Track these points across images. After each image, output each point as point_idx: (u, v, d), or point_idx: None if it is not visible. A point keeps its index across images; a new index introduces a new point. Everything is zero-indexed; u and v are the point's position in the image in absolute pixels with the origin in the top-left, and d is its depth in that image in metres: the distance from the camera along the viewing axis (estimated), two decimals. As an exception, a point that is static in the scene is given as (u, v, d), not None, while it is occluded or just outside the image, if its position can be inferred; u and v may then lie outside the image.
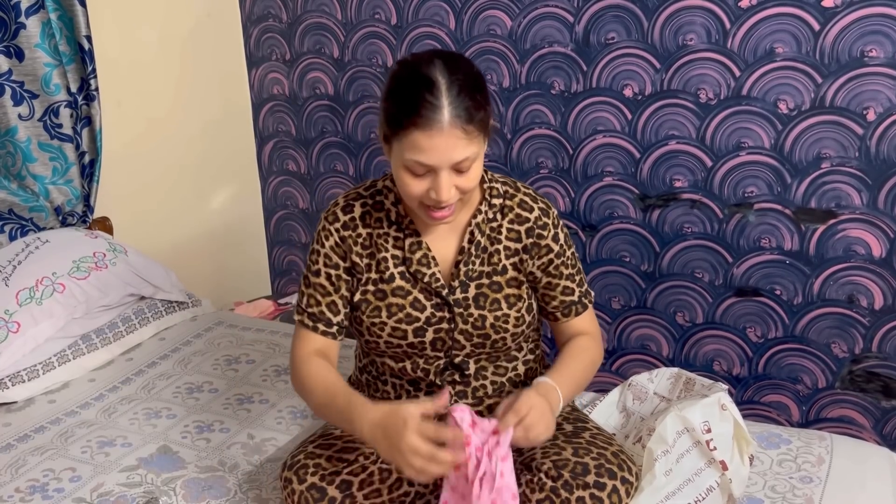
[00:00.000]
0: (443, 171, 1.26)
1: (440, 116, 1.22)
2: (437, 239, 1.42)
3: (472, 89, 1.26)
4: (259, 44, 2.95)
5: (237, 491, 1.54)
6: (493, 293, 1.42)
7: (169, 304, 2.29)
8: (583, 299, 1.51)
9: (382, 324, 1.41)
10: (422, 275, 1.41)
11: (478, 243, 1.42)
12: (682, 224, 2.39)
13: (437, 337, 1.42)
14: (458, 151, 1.25)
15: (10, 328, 1.92)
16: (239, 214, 3.06)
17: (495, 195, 1.44)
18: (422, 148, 1.24)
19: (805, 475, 1.50)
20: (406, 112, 1.24)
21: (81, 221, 2.38)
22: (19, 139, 2.21)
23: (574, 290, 1.49)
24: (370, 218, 1.43)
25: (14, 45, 2.14)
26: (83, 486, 1.57)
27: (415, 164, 1.26)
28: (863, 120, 2.10)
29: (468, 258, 1.41)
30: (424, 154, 1.24)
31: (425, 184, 1.28)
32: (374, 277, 1.42)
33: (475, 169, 1.30)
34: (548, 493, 1.29)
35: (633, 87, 2.35)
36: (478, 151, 1.28)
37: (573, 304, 1.49)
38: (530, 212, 1.44)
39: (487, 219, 1.43)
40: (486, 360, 1.47)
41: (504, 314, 1.41)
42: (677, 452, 1.35)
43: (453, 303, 1.40)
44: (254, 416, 1.81)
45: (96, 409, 1.87)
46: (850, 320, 2.25)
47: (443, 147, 1.23)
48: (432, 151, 1.24)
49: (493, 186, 1.44)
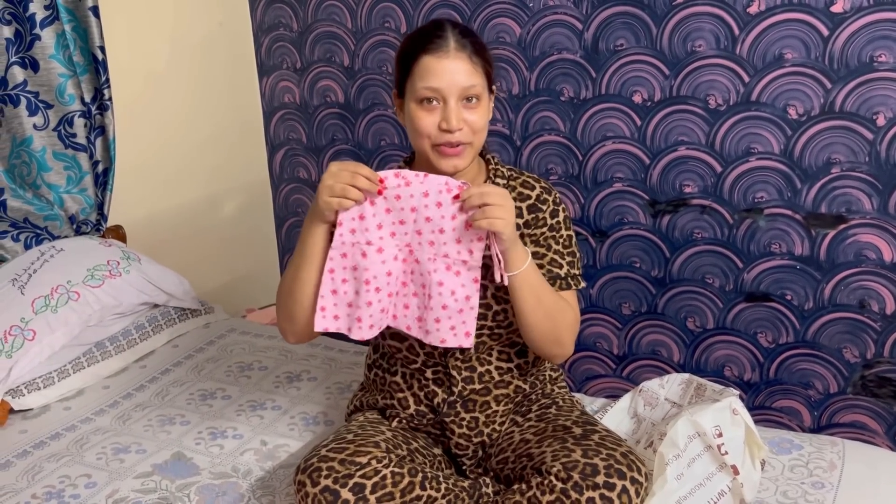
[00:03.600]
0: (452, 99, 1.37)
1: (447, 43, 1.38)
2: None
3: (476, 38, 1.42)
4: (270, 52, 2.98)
5: (251, 497, 1.55)
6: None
7: (182, 311, 2.31)
8: (569, 279, 1.50)
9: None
10: None
11: None
12: (693, 230, 2.40)
13: None
14: (465, 77, 1.37)
15: (26, 336, 1.94)
16: (251, 222, 3.08)
17: (500, 176, 1.52)
18: (432, 70, 1.37)
19: (817, 480, 1.50)
20: (419, 44, 1.40)
21: (95, 230, 2.40)
22: (34, 149, 2.24)
23: (563, 266, 1.50)
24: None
25: (29, 56, 2.17)
26: (98, 492, 1.58)
27: (427, 91, 1.38)
28: (872, 125, 2.10)
29: None
30: (435, 77, 1.37)
31: (436, 116, 1.38)
32: None
33: (482, 110, 1.40)
34: (558, 494, 1.30)
35: (642, 94, 2.36)
36: (483, 89, 1.40)
37: (558, 278, 1.49)
38: (532, 190, 1.51)
39: None
40: (489, 338, 1.49)
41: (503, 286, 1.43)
42: (689, 457, 1.36)
43: None
44: (266, 423, 1.83)
45: (111, 416, 1.88)
46: (862, 325, 2.25)
47: (451, 69, 1.37)
48: (442, 74, 1.37)
49: (499, 169, 1.53)
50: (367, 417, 1.56)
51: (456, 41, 1.39)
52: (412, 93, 1.40)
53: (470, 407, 1.51)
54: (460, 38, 1.40)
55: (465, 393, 1.51)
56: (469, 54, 1.39)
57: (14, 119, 2.20)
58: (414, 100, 1.40)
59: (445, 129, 1.37)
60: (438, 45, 1.38)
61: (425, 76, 1.38)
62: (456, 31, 1.41)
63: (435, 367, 1.51)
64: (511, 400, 1.55)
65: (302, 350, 2.17)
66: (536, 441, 1.44)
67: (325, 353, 2.16)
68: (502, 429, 1.54)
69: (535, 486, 1.33)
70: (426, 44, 1.39)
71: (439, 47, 1.38)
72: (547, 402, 1.56)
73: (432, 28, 1.42)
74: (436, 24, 1.42)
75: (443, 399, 1.51)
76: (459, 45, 1.39)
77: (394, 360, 1.55)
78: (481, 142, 1.44)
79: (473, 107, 1.39)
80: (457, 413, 1.51)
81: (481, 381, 1.51)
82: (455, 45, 1.39)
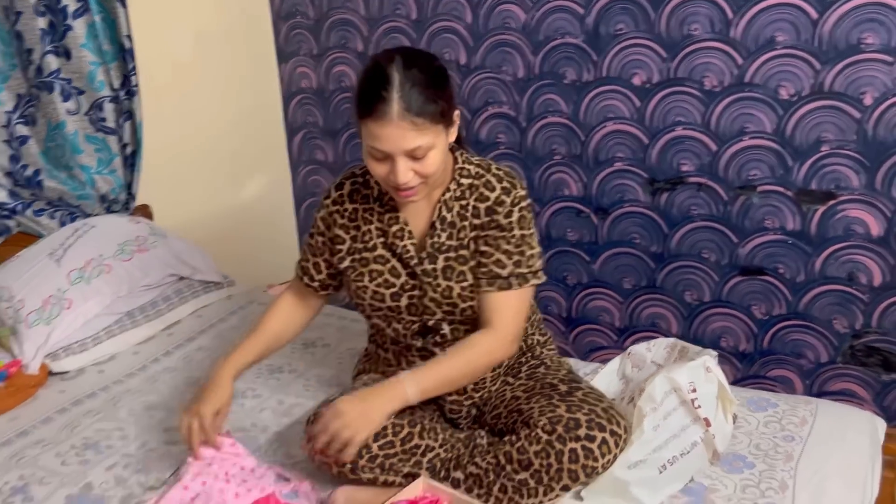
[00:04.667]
0: (398, 158, 1.41)
1: (390, 109, 1.37)
2: (412, 214, 1.58)
3: (426, 85, 1.40)
4: (288, 39, 3.11)
5: (267, 447, 1.70)
6: (460, 265, 1.56)
7: (206, 284, 2.46)
8: (511, 278, 1.54)
9: (365, 287, 1.59)
10: (396, 246, 1.57)
11: (443, 219, 1.56)
12: (689, 206, 2.50)
13: (410, 302, 1.58)
14: (408, 141, 1.39)
15: (62, 305, 2.10)
16: (270, 202, 3.23)
17: (465, 175, 1.57)
18: (376, 136, 1.40)
19: (788, 434, 1.62)
20: (364, 105, 1.40)
21: (124, 208, 2.56)
22: (68, 132, 2.39)
23: (506, 266, 1.53)
24: (357, 195, 1.61)
25: (62, 45, 2.32)
26: (130, 443, 1.74)
27: (373, 150, 1.42)
28: (860, 104, 2.19)
29: (435, 232, 1.56)
30: (379, 141, 1.40)
31: (386, 167, 1.43)
32: (358, 247, 1.60)
33: (433, 156, 1.43)
34: (544, 445, 1.43)
35: (641, 76, 2.46)
36: (432, 141, 1.41)
37: (498, 278, 1.54)
38: (492, 191, 1.55)
39: (455, 197, 1.56)
40: (460, 324, 1.61)
41: (470, 284, 1.56)
42: (665, 410, 1.48)
43: (421, 273, 1.56)
44: (283, 384, 1.97)
45: (141, 379, 2.04)
46: (851, 297, 2.35)
47: (394, 136, 1.38)
48: (384, 140, 1.39)
49: (465, 168, 1.58)
50: (370, 377, 1.70)
51: (399, 104, 1.36)
52: (363, 142, 1.44)
53: None
54: (406, 97, 1.37)
55: None
56: (412, 118, 1.37)
57: (49, 104, 2.35)
58: (365, 150, 1.45)
59: (394, 181, 1.43)
60: (381, 111, 1.37)
61: (371, 139, 1.41)
62: (404, 86, 1.37)
63: (419, 347, 1.63)
64: (498, 366, 1.67)
65: (317, 319, 2.29)
66: (525, 398, 1.57)
67: (338, 322, 2.30)
68: (494, 389, 1.67)
69: (524, 438, 1.46)
70: (370, 108, 1.39)
71: (383, 114, 1.37)
72: (536, 362, 1.69)
73: (377, 86, 1.38)
74: (382, 80, 1.38)
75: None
76: (402, 108, 1.36)
77: (384, 338, 1.69)
78: (436, 176, 1.48)
79: (421, 159, 1.42)
80: None
81: None
82: (398, 110, 1.36)
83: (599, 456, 1.44)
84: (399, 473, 1.50)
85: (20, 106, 2.33)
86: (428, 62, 1.45)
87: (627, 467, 1.44)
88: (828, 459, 1.53)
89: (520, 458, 1.45)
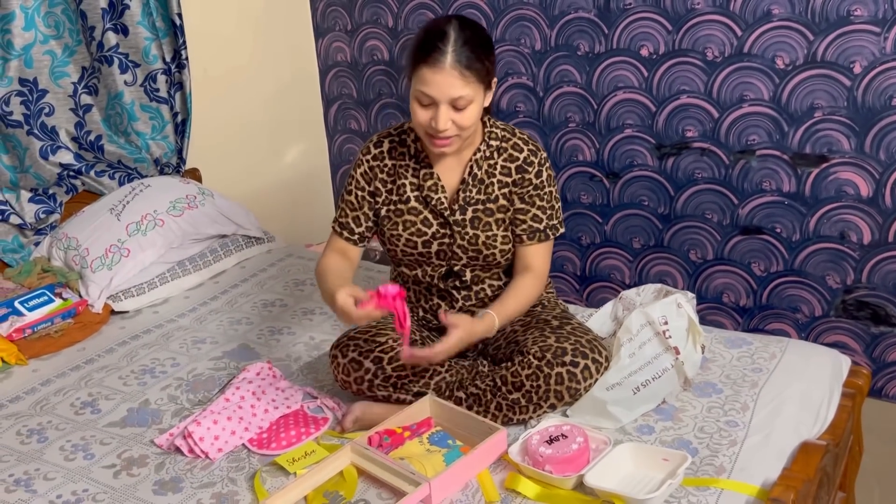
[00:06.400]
0: (442, 105, 1.60)
1: (444, 59, 1.58)
2: (445, 171, 1.78)
3: (476, 45, 1.61)
4: (324, 16, 3.34)
5: (299, 373, 1.96)
6: (486, 217, 1.77)
7: (248, 239, 2.72)
8: (547, 230, 1.78)
9: (399, 235, 1.79)
10: (430, 199, 1.77)
11: (475, 175, 1.77)
12: (694, 170, 2.68)
13: (440, 249, 1.79)
14: (455, 89, 1.58)
15: (122, 253, 2.38)
16: (308, 168, 3.48)
17: (493, 138, 1.78)
18: (427, 81, 1.59)
19: (757, 367, 1.81)
20: (420, 53, 1.60)
21: (176, 171, 2.83)
22: (125, 102, 2.66)
23: (542, 220, 1.77)
24: (395, 152, 1.81)
25: (120, 23, 2.58)
26: (181, 369, 2.01)
27: (421, 95, 1.61)
28: (850, 73, 2.34)
29: (466, 187, 1.77)
30: (428, 87, 1.59)
31: (429, 114, 1.63)
32: (395, 199, 1.80)
33: (471, 111, 1.63)
34: (534, 369, 1.65)
35: (648, 48, 2.64)
36: (473, 96, 1.61)
37: (538, 231, 1.77)
38: (520, 152, 1.77)
39: (485, 156, 1.77)
40: (482, 271, 1.82)
41: (493, 234, 1.77)
42: (640, 341, 1.68)
43: (453, 223, 1.77)
44: (315, 324, 2.22)
45: (190, 318, 2.31)
46: (843, 254, 2.51)
47: (443, 83, 1.58)
48: (434, 85, 1.59)
49: (493, 131, 1.79)
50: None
51: (453, 57, 1.56)
52: (413, 88, 1.64)
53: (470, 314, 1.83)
54: (458, 51, 1.57)
55: (465, 307, 1.85)
56: (462, 69, 1.57)
57: (109, 76, 2.62)
58: (413, 95, 1.64)
59: (434, 128, 1.62)
60: (436, 59, 1.57)
61: (421, 83, 1.60)
62: (456, 43, 1.57)
63: (439, 287, 1.85)
64: None
65: (346, 270, 2.57)
66: (522, 331, 1.79)
67: (365, 273, 2.54)
68: (497, 327, 1.89)
69: (517, 364, 1.68)
70: (426, 56, 1.58)
71: (436, 62, 1.57)
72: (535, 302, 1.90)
73: (435, 38, 1.58)
74: (440, 34, 1.58)
75: (445, 310, 1.84)
76: (455, 61, 1.57)
77: (407, 281, 1.90)
78: (471, 132, 1.67)
79: (462, 110, 1.61)
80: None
81: (478, 297, 1.84)
82: (451, 61, 1.56)
83: (581, 379, 1.65)
84: (409, 392, 1.73)
85: (84, 77, 2.60)
86: (479, 30, 1.65)
87: (605, 389, 1.65)
88: (788, 387, 1.72)
89: (513, 380, 1.67)
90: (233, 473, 1.60)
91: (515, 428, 1.67)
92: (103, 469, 1.64)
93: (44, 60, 2.49)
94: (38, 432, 1.78)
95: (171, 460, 1.65)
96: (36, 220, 2.50)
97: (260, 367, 1.90)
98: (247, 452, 1.66)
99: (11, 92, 2.43)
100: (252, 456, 1.65)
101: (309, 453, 1.61)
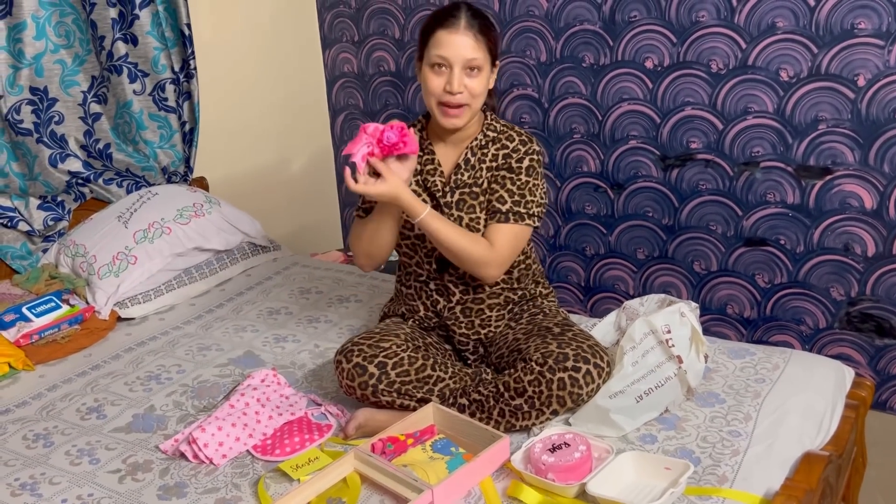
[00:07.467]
0: (456, 68, 1.70)
1: (459, 22, 1.71)
2: (444, 156, 1.85)
3: (485, 19, 1.75)
4: (332, 27, 3.37)
5: (303, 381, 1.97)
6: (471, 200, 1.82)
7: (254, 247, 2.74)
8: (510, 214, 1.78)
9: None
10: (428, 182, 1.84)
11: (467, 161, 1.82)
12: (698, 182, 2.69)
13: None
14: (469, 50, 1.70)
15: (129, 261, 2.39)
16: (314, 178, 3.50)
17: (491, 130, 1.85)
18: (443, 43, 1.71)
19: (760, 377, 1.82)
20: (436, 21, 1.74)
21: (183, 179, 2.85)
22: (134, 110, 2.69)
23: (506, 202, 1.78)
24: None
25: (130, 32, 2.61)
26: (187, 376, 2.02)
27: (437, 58, 1.71)
28: (854, 85, 2.35)
29: (459, 171, 1.82)
30: (444, 48, 1.70)
31: (443, 79, 1.72)
32: None
33: (481, 79, 1.73)
34: (536, 375, 1.66)
35: (653, 60, 2.65)
36: (483, 62, 1.72)
37: (498, 212, 1.79)
38: (511, 142, 1.84)
39: (480, 145, 1.83)
40: None
41: (476, 217, 1.81)
42: (643, 349, 1.69)
43: (444, 204, 1.82)
44: (320, 332, 2.23)
45: (196, 325, 2.33)
46: (847, 266, 2.51)
47: (458, 44, 1.70)
48: (450, 46, 1.70)
49: (492, 124, 1.85)
50: (392, 320, 1.95)
51: (466, 21, 1.72)
52: (427, 59, 1.75)
53: (467, 313, 1.88)
54: (470, 19, 1.72)
55: (462, 301, 1.87)
56: (475, 33, 1.72)
57: (118, 85, 2.64)
58: (427, 64, 1.75)
59: (448, 90, 1.71)
60: (451, 22, 1.72)
61: (437, 46, 1.72)
62: (468, 13, 1.73)
63: (436, 282, 1.88)
64: (503, 307, 1.90)
65: (351, 278, 2.58)
66: (524, 338, 1.80)
67: (370, 282, 2.56)
68: (498, 331, 1.90)
69: (520, 370, 1.69)
70: (442, 21, 1.73)
71: (451, 24, 1.71)
72: (536, 311, 1.92)
73: (450, 8, 1.75)
74: (453, 6, 1.76)
75: (444, 306, 1.88)
76: (468, 24, 1.71)
77: (409, 275, 1.93)
78: (479, 105, 1.77)
79: (474, 75, 1.72)
80: (456, 317, 1.88)
81: (475, 292, 1.87)
82: (465, 24, 1.71)
83: (584, 384, 1.66)
84: (413, 398, 1.74)
85: (94, 86, 2.63)
86: (487, 16, 1.79)
87: (608, 397, 1.66)
88: (792, 397, 1.73)
89: (516, 386, 1.68)
90: (237, 479, 1.61)
91: (518, 436, 1.68)
92: (108, 474, 1.65)
93: (54, 69, 2.52)
94: (45, 437, 1.79)
95: (176, 466, 1.66)
96: (44, 227, 2.52)
97: (265, 374, 1.91)
98: (251, 458, 1.67)
99: (22, 100, 2.46)
100: (256, 462, 1.66)
101: (312, 460, 1.62)
